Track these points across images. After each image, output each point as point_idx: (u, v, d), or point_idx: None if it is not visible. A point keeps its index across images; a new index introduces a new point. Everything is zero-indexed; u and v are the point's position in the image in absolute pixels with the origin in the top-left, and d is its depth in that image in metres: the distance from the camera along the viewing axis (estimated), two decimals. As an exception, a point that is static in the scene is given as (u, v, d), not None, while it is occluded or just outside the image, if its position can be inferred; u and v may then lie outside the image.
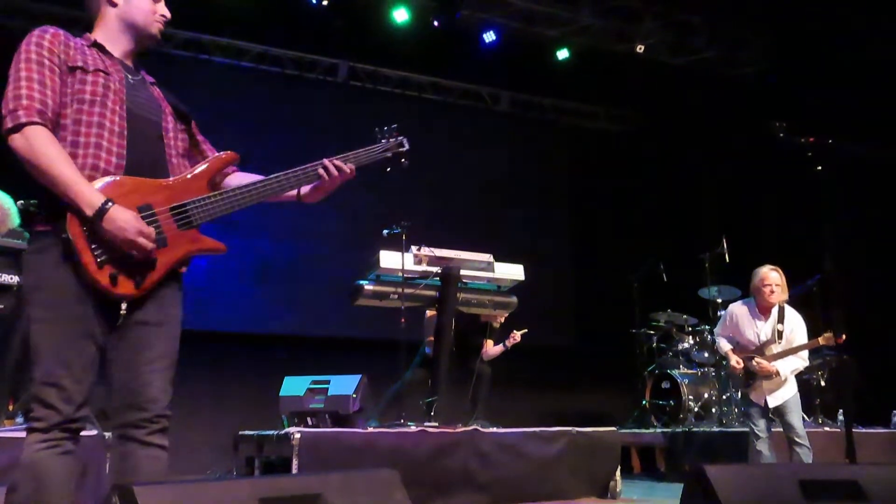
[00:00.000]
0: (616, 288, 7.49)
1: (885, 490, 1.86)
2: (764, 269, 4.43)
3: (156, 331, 1.94)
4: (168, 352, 1.96)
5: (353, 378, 4.87)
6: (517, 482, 4.40)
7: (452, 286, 4.98)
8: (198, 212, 1.99)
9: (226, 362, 6.46)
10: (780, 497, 1.82)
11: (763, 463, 4.11)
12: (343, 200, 7.39)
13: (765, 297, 4.38)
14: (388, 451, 4.06)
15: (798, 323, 4.43)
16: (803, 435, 4.22)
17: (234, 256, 6.94)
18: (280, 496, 1.55)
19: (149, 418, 1.89)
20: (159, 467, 1.89)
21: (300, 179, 2.14)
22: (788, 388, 4.37)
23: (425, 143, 7.85)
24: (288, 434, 3.91)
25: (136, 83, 2.04)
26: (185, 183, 2.01)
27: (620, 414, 7.29)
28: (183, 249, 1.98)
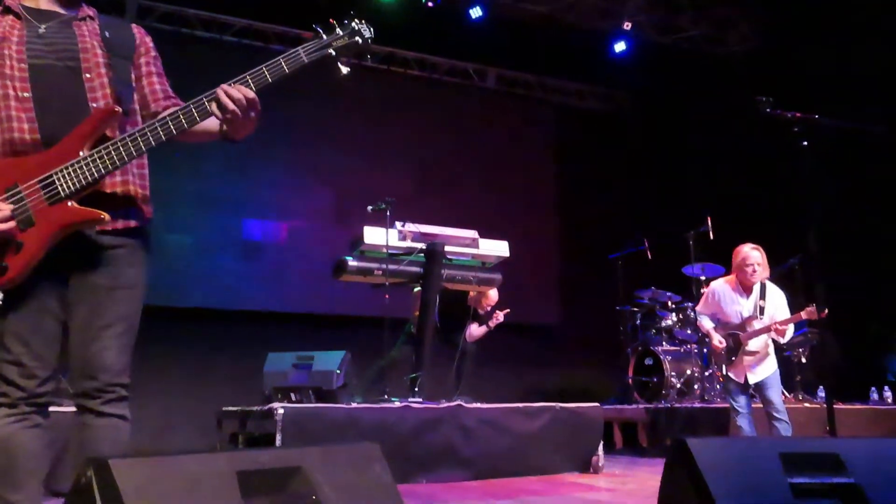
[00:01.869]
0: (601, 265, 7.50)
1: (864, 461, 1.86)
2: (745, 248, 4.45)
3: (109, 295, 1.81)
4: (123, 316, 1.83)
5: (337, 354, 4.86)
6: (500, 457, 4.42)
7: (437, 262, 4.96)
8: (65, 181, 1.74)
9: (209, 339, 6.42)
10: (761, 469, 1.82)
11: (743, 436, 4.16)
12: (328, 176, 7.42)
13: (747, 276, 4.41)
14: (371, 426, 4.06)
15: (780, 299, 4.48)
16: (782, 410, 4.28)
17: (217, 233, 6.89)
18: (259, 469, 1.51)
19: (102, 387, 1.78)
20: (119, 437, 1.79)
21: (194, 116, 1.80)
22: (768, 365, 4.41)
23: (411, 119, 7.87)
24: (271, 409, 3.90)
25: (50, 28, 1.85)
26: (60, 148, 1.77)
27: (604, 390, 7.34)
28: (55, 226, 1.74)
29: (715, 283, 4.70)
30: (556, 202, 8.62)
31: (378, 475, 1.69)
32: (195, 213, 6.70)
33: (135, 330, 1.87)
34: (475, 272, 5.21)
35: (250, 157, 6.71)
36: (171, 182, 6.16)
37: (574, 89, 9.08)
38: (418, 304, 5.31)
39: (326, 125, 7.27)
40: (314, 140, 7.28)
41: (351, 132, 7.41)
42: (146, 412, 4.45)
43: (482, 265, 5.27)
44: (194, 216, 6.69)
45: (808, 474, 1.85)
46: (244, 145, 2.04)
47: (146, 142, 1.79)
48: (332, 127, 7.29)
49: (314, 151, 7.21)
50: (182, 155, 5.31)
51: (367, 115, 7.42)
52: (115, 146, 1.78)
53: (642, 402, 6.63)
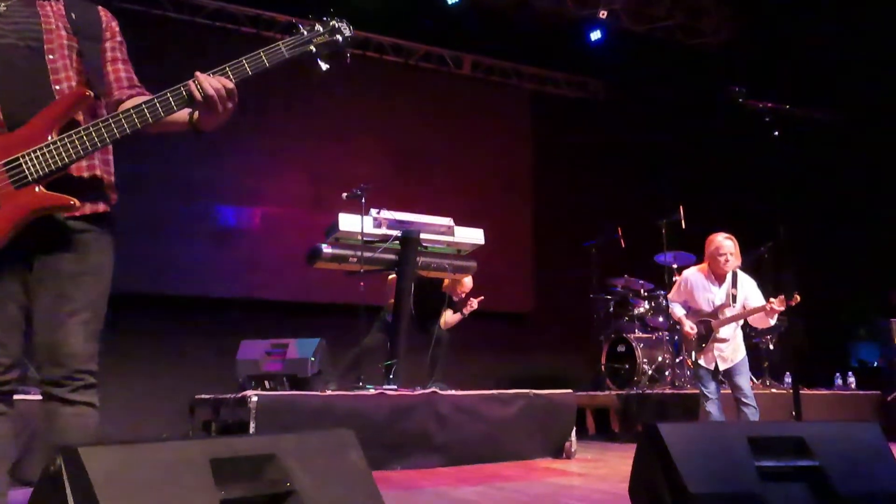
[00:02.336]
0: (575, 253, 7.56)
1: (827, 444, 1.92)
2: (718, 237, 4.50)
3: (75, 281, 1.77)
4: (90, 302, 1.79)
5: (311, 341, 4.84)
6: (474, 443, 4.46)
7: (412, 250, 4.96)
8: (32, 164, 1.69)
9: (182, 326, 6.35)
10: (730, 453, 1.86)
11: (712, 421, 4.24)
12: (302, 162, 7.36)
13: (719, 265, 4.47)
14: (346, 413, 4.06)
15: (752, 287, 4.55)
16: (750, 395, 4.37)
17: (191, 218, 6.80)
18: (232, 456, 1.51)
19: (69, 375, 1.74)
20: (87, 425, 1.76)
21: (170, 105, 1.77)
22: (738, 352, 4.50)
23: (386, 105, 7.81)
24: (245, 397, 3.88)
25: (12, 7, 1.81)
26: (27, 131, 1.72)
27: (577, 377, 7.42)
28: (22, 210, 1.69)
29: (687, 272, 4.76)
30: (531, 190, 8.65)
31: (353, 462, 1.70)
32: (168, 198, 6.60)
33: (101, 316, 1.83)
34: (450, 260, 5.22)
35: (224, 143, 6.62)
36: (142, 166, 6.07)
37: (549, 76, 9.09)
38: (393, 292, 5.31)
39: (301, 110, 7.20)
40: (289, 125, 7.21)
41: (326, 118, 7.35)
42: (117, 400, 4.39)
43: (457, 253, 5.28)
44: (167, 202, 6.59)
45: (775, 458, 1.90)
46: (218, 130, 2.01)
47: (120, 128, 1.76)
48: (307, 112, 7.23)
49: (289, 137, 7.14)
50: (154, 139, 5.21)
51: (342, 101, 7.36)
52: (88, 131, 1.74)
53: (614, 388, 6.72)
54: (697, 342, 4.52)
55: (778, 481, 1.89)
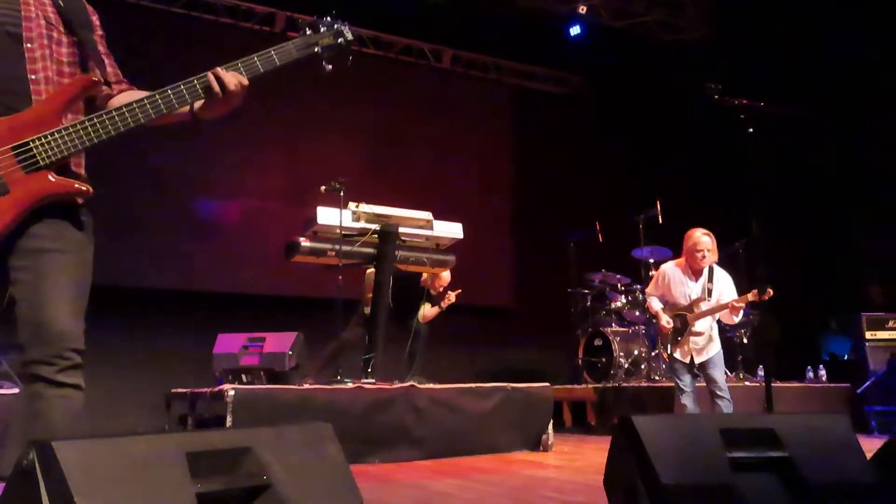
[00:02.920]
0: (553, 248, 7.61)
1: (797, 435, 1.96)
2: (697, 233, 4.57)
3: (59, 258, 1.73)
4: (76, 280, 1.75)
5: (288, 335, 4.83)
6: (452, 436, 4.47)
7: (391, 244, 4.95)
8: (44, 149, 1.68)
9: (158, 320, 6.29)
10: (702, 444, 1.89)
11: (686, 413, 4.31)
12: (280, 155, 7.31)
13: (697, 261, 4.54)
14: (324, 407, 4.05)
15: (727, 282, 4.62)
16: (725, 388, 4.44)
17: (167, 211, 6.72)
18: (208, 450, 1.51)
19: (58, 353, 1.69)
20: (72, 409, 1.71)
21: (175, 102, 1.79)
22: (713, 345, 4.57)
23: (365, 98, 7.77)
24: (221, 391, 3.85)
25: None
26: (34, 114, 1.71)
27: (554, 370, 7.47)
28: (31, 196, 1.68)
29: (665, 266, 4.82)
30: (511, 185, 8.68)
31: (330, 455, 1.70)
32: (144, 190, 6.52)
33: (87, 295, 1.80)
34: (429, 254, 5.22)
35: (202, 136, 6.55)
36: (119, 158, 5.98)
37: (530, 72, 9.11)
38: (370, 286, 5.31)
39: (279, 103, 7.14)
40: (266, 118, 7.15)
41: (304, 110, 7.30)
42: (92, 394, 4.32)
43: (436, 247, 5.28)
44: (143, 194, 6.51)
45: (746, 449, 1.93)
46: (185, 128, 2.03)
47: (134, 118, 1.76)
48: (285, 105, 7.17)
49: (267, 129, 7.08)
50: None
51: (321, 94, 7.32)
52: (101, 119, 1.73)
53: (591, 381, 6.79)
54: (673, 335, 4.57)
55: (749, 472, 1.92)
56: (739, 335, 6.59)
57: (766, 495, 1.90)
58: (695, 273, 4.61)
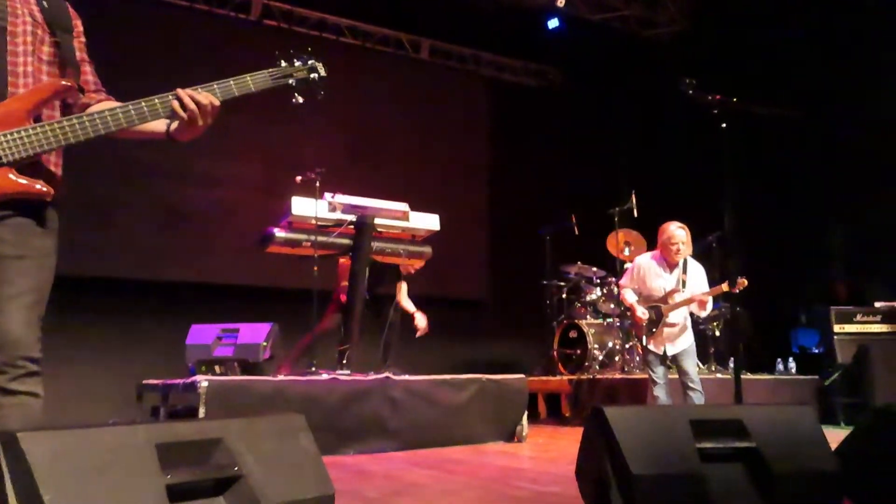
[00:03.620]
0: (529, 240, 7.64)
1: (764, 426, 2.01)
2: (672, 226, 4.64)
3: (16, 264, 1.73)
4: (33, 287, 1.74)
5: (263, 326, 4.80)
6: (427, 428, 4.49)
7: (367, 235, 4.94)
8: (8, 147, 1.68)
9: (130, 310, 6.22)
10: (672, 435, 1.93)
11: (657, 405, 4.37)
12: (255, 144, 7.23)
13: (671, 254, 4.62)
14: (298, 399, 4.04)
15: (700, 273, 4.72)
16: (697, 380, 4.52)
17: (141, 201, 6.62)
18: (179, 441, 1.50)
19: (10, 362, 1.68)
20: (29, 415, 1.70)
21: (148, 114, 1.82)
22: (686, 337, 4.65)
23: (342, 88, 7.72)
24: (194, 382, 3.82)
25: None
26: (2, 110, 1.72)
27: (530, 362, 7.52)
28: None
29: (639, 258, 4.89)
30: (487, 177, 8.69)
31: (302, 446, 1.70)
32: (117, 180, 6.42)
33: (44, 302, 1.79)
34: (405, 245, 5.22)
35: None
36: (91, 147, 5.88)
37: (507, 64, 9.12)
38: (343, 276, 5.30)
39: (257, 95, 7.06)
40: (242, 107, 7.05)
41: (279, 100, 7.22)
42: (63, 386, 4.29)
43: (412, 238, 5.28)
44: (116, 183, 6.41)
45: (715, 439, 1.98)
46: None
47: (105, 125, 1.77)
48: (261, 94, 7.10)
49: (242, 119, 6.99)
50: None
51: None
52: (71, 123, 1.75)
53: (566, 373, 6.85)
54: (648, 327, 4.63)
55: (717, 462, 1.96)
56: (712, 328, 6.68)
57: (733, 484, 1.94)
58: (670, 265, 4.68)
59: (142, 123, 1.83)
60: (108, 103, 1.93)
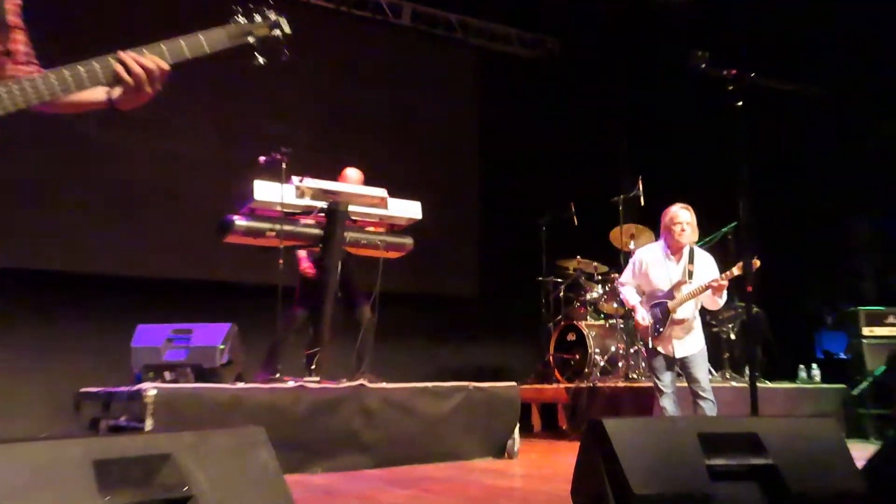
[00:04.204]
0: (523, 230, 7.65)
1: (782, 441, 2.02)
2: (674, 207, 4.67)
3: None
4: None
5: (220, 327, 4.78)
6: (406, 442, 4.49)
7: (339, 224, 4.92)
8: None
9: (67, 307, 6.17)
10: (678, 450, 1.94)
11: (663, 416, 4.39)
12: (212, 119, 7.18)
13: (674, 237, 4.61)
14: (260, 409, 4.02)
15: (709, 262, 4.71)
16: (708, 389, 4.53)
17: (80, 184, 6.56)
18: (120, 457, 1.49)
19: None
20: None
21: (87, 80, 1.77)
22: (696, 338, 4.66)
23: (313, 57, 7.68)
24: (140, 391, 3.80)
25: None
26: None
27: (522, 368, 7.56)
28: None
29: (640, 250, 4.91)
30: (476, 159, 8.70)
31: (262, 462, 1.69)
32: (51, 158, 6.34)
33: None
34: (383, 235, 5.21)
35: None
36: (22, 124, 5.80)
37: (500, 32, 9.11)
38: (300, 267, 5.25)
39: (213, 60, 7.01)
40: (197, 77, 7.00)
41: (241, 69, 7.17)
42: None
43: (391, 228, 5.27)
44: (51, 162, 6.33)
45: (726, 455, 1.99)
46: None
47: (37, 93, 1.73)
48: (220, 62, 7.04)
49: (197, 90, 6.93)
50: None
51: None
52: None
53: (563, 381, 6.88)
54: (653, 326, 4.62)
55: (729, 480, 1.98)
56: (726, 330, 6.74)
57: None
58: (674, 252, 4.67)
59: (79, 91, 1.79)
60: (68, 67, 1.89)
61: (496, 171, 8.56)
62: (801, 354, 7.36)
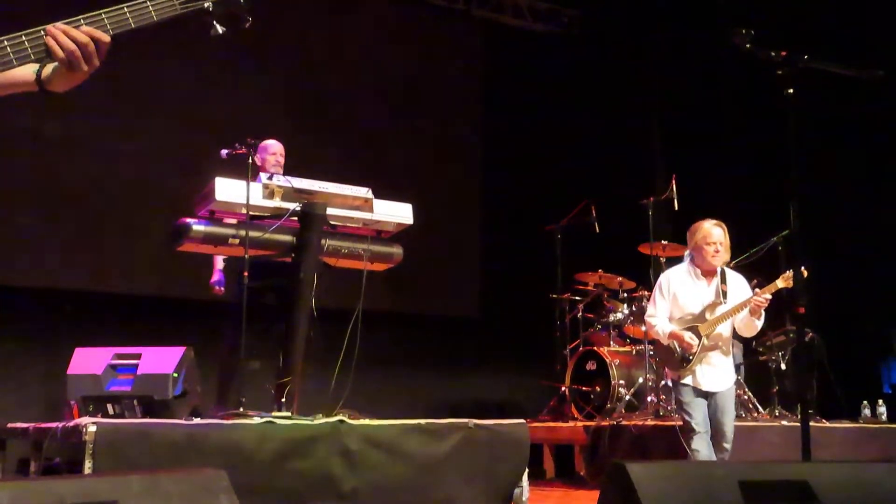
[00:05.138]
0: (534, 239, 7.67)
1: (838, 490, 2.03)
2: (706, 224, 4.78)
3: None
4: None
5: (173, 351, 4.80)
6: (394, 490, 4.50)
7: (315, 229, 4.94)
8: None
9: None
10: (716, 500, 1.95)
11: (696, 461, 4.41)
12: (167, 104, 7.21)
13: (707, 258, 4.73)
14: (220, 450, 4.03)
15: (742, 282, 4.86)
16: (731, 438, 4.64)
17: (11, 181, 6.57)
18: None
19: None
20: None
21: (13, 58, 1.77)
22: (728, 371, 4.76)
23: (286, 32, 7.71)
24: (78, 427, 3.81)
25: None
26: None
27: (533, 403, 7.56)
28: None
29: (666, 273, 5.05)
30: (480, 154, 8.73)
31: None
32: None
33: None
34: (367, 243, 5.22)
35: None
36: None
37: (508, 3, 9.16)
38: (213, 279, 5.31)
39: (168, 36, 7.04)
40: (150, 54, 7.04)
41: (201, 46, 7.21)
42: None
43: (377, 234, 5.29)
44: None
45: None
46: None
47: None
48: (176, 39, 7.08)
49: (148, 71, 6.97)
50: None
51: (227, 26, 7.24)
52: None
53: (581, 418, 6.88)
54: (683, 356, 4.70)
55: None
56: (776, 359, 6.75)
57: (796, 566, 1.97)
58: (706, 274, 4.81)
59: (4, 71, 1.80)
60: None
61: (502, 168, 8.59)
62: (864, 388, 7.37)
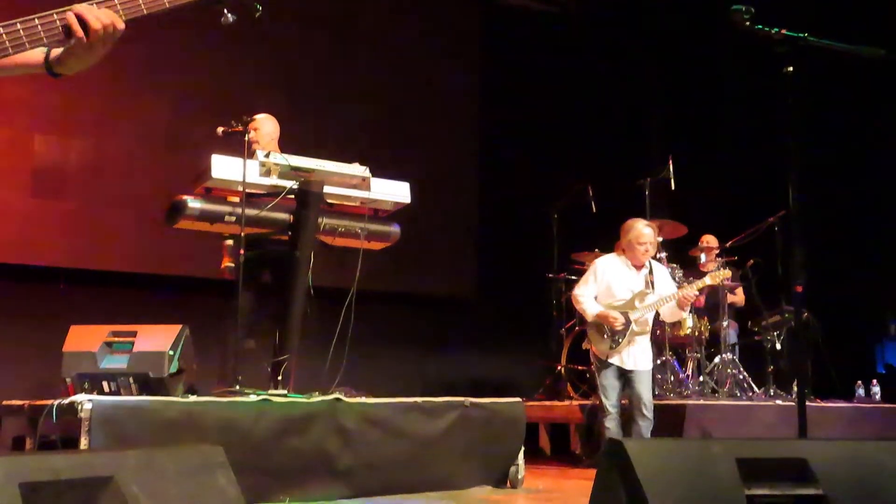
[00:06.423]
0: (531, 218, 7.66)
1: (835, 468, 2.04)
2: (639, 224, 5.31)
3: None
4: None
5: (169, 329, 4.78)
6: (390, 468, 4.51)
7: (312, 208, 4.93)
8: None
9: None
10: (713, 477, 1.96)
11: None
12: (160, 82, 7.16)
13: (638, 256, 5.27)
14: (216, 427, 4.04)
15: (666, 274, 5.55)
16: (651, 406, 5.10)
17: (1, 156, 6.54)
18: (51, 480, 1.50)
19: None
20: None
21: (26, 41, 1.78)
22: (648, 356, 5.27)
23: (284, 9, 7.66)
24: (74, 404, 3.81)
25: None
26: None
27: (528, 381, 7.58)
28: None
29: (599, 260, 5.55)
30: (477, 133, 8.70)
31: (220, 487, 1.71)
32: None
33: None
34: (364, 222, 5.21)
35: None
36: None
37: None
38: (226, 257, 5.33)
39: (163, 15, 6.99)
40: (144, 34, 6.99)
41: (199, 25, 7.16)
42: None
43: (375, 213, 5.28)
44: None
45: (769, 484, 2.01)
46: None
47: None
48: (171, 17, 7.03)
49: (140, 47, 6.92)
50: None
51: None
52: None
53: (577, 396, 6.90)
54: (613, 338, 5.13)
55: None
56: (771, 339, 6.77)
57: (792, 543, 1.97)
58: (636, 267, 5.33)
59: (16, 53, 1.81)
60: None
61: (500, 148, 8.56)
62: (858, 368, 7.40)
